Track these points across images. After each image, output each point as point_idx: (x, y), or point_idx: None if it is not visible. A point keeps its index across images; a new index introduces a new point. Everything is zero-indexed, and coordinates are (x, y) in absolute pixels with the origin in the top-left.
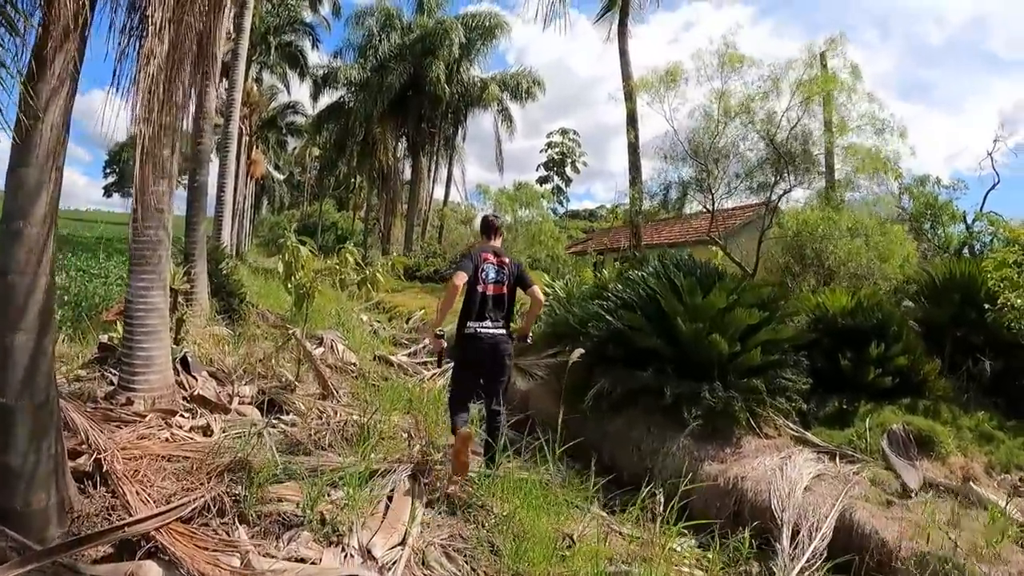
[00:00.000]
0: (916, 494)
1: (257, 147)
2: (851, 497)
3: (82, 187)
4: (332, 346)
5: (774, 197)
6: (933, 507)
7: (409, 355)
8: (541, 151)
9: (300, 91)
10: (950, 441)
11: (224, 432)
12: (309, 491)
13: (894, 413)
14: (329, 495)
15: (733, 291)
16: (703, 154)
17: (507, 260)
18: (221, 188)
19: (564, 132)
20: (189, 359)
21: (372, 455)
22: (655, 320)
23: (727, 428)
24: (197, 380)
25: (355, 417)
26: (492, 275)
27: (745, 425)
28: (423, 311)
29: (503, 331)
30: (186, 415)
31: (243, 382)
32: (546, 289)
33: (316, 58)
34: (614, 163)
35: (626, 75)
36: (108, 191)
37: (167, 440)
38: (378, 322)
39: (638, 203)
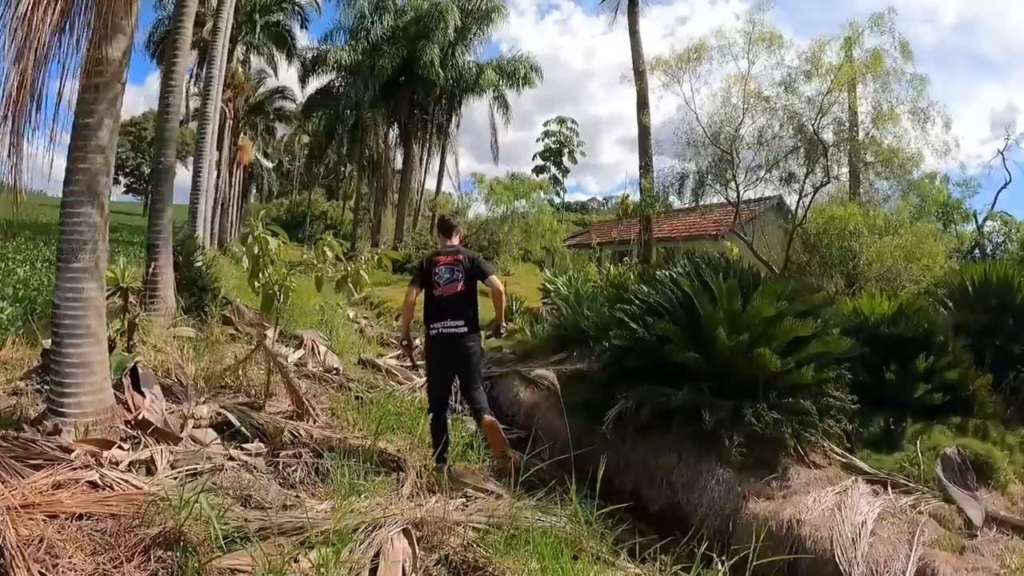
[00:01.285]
0: (980, 531)
1: (245, 133)
2: (923, 544)
3: None
4: (313, 348)
5: (810, 188)
6: (1003, 549)
7: (398, 357)
8: (537, 140)
9: (288, 76)
10: (1007, 466)
11: (173, 467)
12: (267, 562)
13: (944, 434)
14: (296, 563)
15: (780, 296)
16: (726, 140)
17: (461, 256)
18: (197, 173)
19: (561, 120)
20: (140, 371)
21: (353, 499)
22: (688, 329)
23: (772, 456)
24: (145, 398)
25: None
26: (445, 276)
27: (792, 452)
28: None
29: (463, 328)
30: (125, 446)
31: (203, 397)
32: (547, 287)
33: (305, 41)
34: (606, 156)
35: (637, 54)
36: None
37: (93, 486)
38: (365, 318)
39: (650, 193)
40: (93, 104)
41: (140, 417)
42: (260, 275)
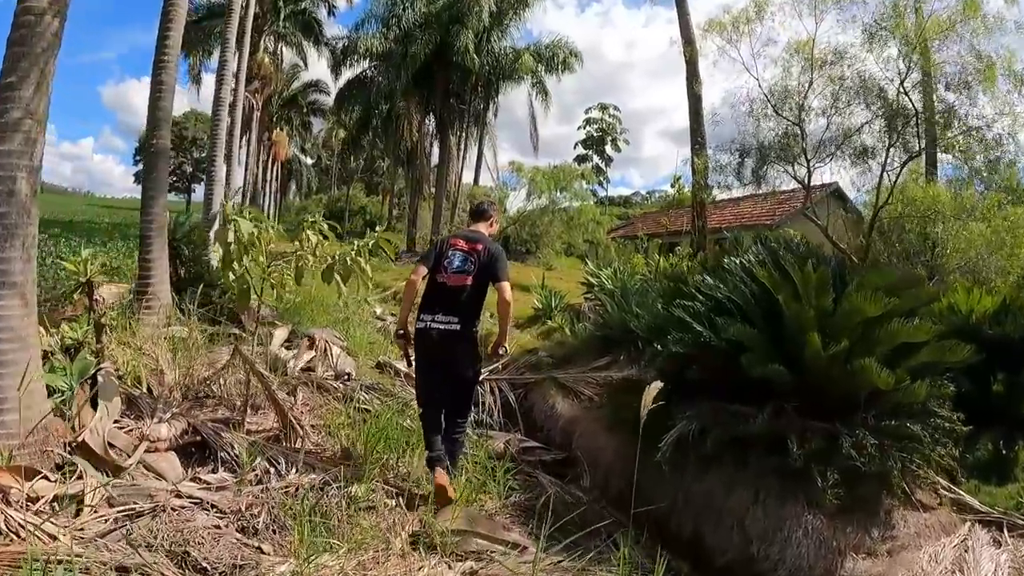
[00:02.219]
0: None
1: (280, 128)
2: None
3: (118, 176)
4: (326, 350)
5: (895, 163)
6: None
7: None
8: (579, 128)
9: (320, 68)
10: None
11: (112, 505)
12: None
13: None
14: None
15: (887, 291)
16: (791, 111)
17: (480, 246)
18: (211, 161)
19: (603, 107)
20: (100, 380)
21: (326, 556)
22: (768, 333)
23: (873, 497)
24: (94, 415)
25: (316, 475)
26: (456, 263)
27: (897, 491)
28: None
29: (457, 327)
30: (53, 478)
31: (172, 411)
32: (590, 279)
33: (335, 31)
34: (649, 149)
35: (683, 11)
36: (138, 178)
37: None
38: (392, 315)
39: (704, 174)
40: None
41: (80, 439)
42: (235, 266)
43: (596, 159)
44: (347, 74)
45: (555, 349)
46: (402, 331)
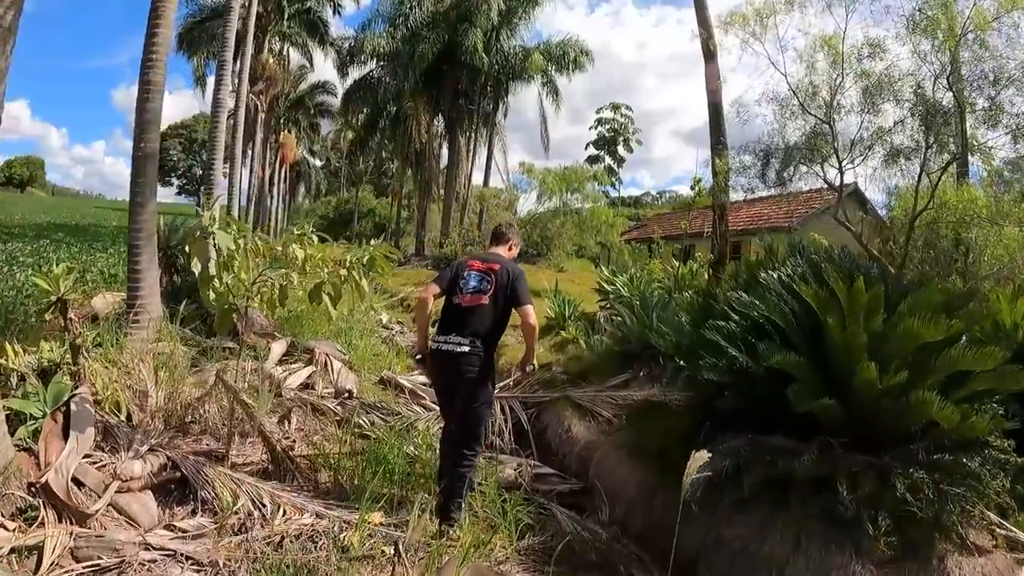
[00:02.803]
0: None
1: (288, 130)
2: None
3: (129, 178)
4: (326, 364)
5: (935, 166)
6: None
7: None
8: (590, 128)
9: (327, 69)
10: None
11: (76, 558)
12: None
13: None
14: None
15: (944, 310)
16: (819, 108)
17: (498, 266)
18: (210, 165)
19: (615, 107)
20: (73, 408)
21: None
22: (810, 357)
23: (925, 542)
24: (63, 448)
25: (306, 519)
26: (472, 284)
27: (954, 535)
28: None
29: (468, 348)
30: (11, 527)
31: (149, 443)
32: (605, 287)
33: (340, 31)
34: (660, 150)
35: (701, 3)
36: None
37: None
38: (399, 323)
39: (725, 175)
40: None
41: (43, 481)
42: (217, 283)
43: (608, 159)
44: (354, 75)
45: (570, 364)
46: (419, 355)
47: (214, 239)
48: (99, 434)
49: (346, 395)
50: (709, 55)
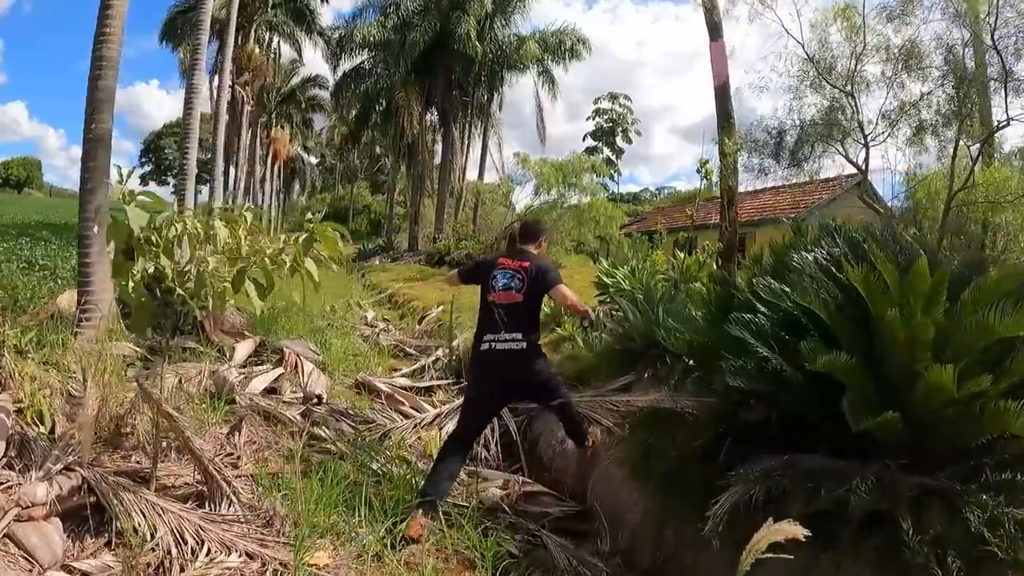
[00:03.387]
0: None
1: (280, 126)
2: None
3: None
4: (297, 366)
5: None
6: None
7: (413, 373)
8: (588, 118)
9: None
10: None
11: None
12: None
13: None
14: None
15: (1016, 299)
16: (839, 78)
17: (527, 263)
18: (184, 154)
19: (614, 97)
20: None
21: None
22: (862, 356)
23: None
24: None
25: (232, 560)
26: (503, 281)
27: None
28: (442, 307)
29: (522, 344)
30: None
31: (65, 460)
32: (604, 280)
33: (329, 20)
34: (659, 147)
35: None
36: (145, 180)
37: None
38: (385, 320)
39: (734, 155)
40: None
41: None
42: (134, 272)
43: (606, 151)
44: (345, 66)
45: (566, 366)
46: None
47: (126, 217)
48: (13, 448)
49: (315, 400)
50: (714, 28)
